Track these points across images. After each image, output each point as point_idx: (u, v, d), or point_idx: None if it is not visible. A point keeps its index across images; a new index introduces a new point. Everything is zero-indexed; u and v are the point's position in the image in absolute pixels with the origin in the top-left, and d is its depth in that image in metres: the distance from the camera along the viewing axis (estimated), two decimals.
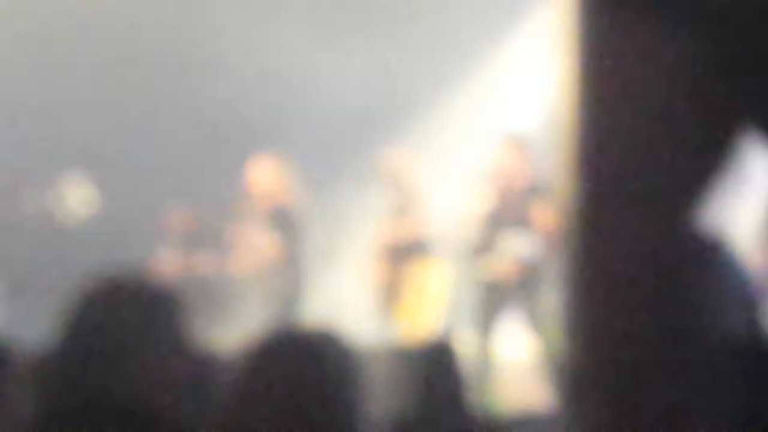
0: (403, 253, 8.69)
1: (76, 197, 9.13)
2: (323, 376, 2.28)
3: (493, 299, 7.63)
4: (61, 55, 9.36)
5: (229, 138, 9.17)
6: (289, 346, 2.32)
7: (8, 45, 9.37)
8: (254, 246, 8.20)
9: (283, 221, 8.25)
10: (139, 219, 8.55)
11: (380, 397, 2.48)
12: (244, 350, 2.37)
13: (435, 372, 4.62)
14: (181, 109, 9.46)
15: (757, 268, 1.89)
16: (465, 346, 8.66)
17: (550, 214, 7.53)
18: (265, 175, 8.33)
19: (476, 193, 7.87)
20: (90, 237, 8.71)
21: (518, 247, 7.66)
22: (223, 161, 8.68)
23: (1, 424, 2.57)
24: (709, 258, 1.53)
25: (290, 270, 8.21)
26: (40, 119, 9.36)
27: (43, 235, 8.94)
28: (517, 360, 8.90)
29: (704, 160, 1.38)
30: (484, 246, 7.70)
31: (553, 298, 7.30)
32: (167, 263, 8.61)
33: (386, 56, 9.62)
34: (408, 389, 4.56)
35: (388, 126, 9.68)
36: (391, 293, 8.85)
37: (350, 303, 9.10)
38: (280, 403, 2.24)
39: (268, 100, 9.66)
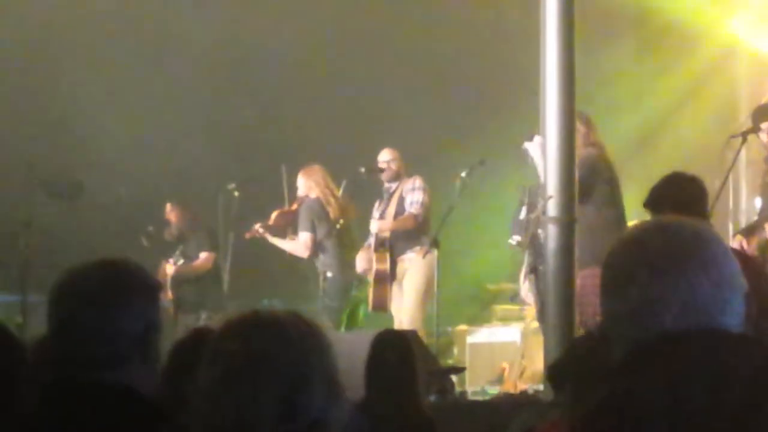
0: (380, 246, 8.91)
1: None
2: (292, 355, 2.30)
3: None
4: None
5: None
6: (258, 327, 2.34)
7: None
8: None
9: None
10: None
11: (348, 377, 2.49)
12: (215, 333, 2.38)
13: (401, 353, 4.57)
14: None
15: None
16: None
17: None
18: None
19: None
20: None
21: None
22: None
23: None
24: None
25: None
26: None
27: None
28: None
29: None
30: None
31: None
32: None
33: None
34: (374, 369, 4.52)
35: None
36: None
37: None
38: (250, 382, 2.27)
39: None
